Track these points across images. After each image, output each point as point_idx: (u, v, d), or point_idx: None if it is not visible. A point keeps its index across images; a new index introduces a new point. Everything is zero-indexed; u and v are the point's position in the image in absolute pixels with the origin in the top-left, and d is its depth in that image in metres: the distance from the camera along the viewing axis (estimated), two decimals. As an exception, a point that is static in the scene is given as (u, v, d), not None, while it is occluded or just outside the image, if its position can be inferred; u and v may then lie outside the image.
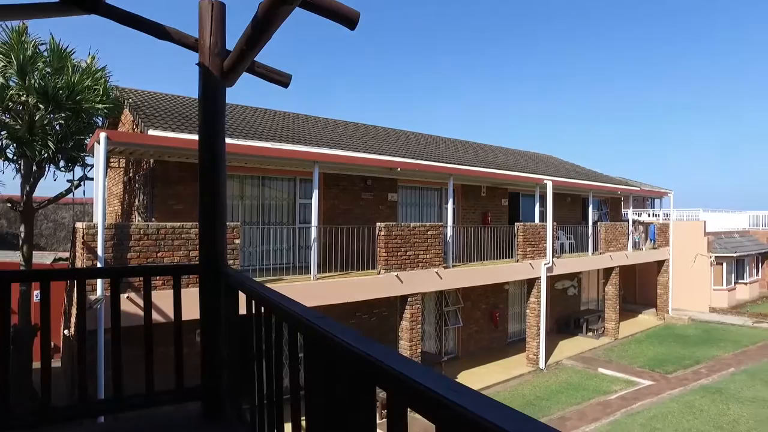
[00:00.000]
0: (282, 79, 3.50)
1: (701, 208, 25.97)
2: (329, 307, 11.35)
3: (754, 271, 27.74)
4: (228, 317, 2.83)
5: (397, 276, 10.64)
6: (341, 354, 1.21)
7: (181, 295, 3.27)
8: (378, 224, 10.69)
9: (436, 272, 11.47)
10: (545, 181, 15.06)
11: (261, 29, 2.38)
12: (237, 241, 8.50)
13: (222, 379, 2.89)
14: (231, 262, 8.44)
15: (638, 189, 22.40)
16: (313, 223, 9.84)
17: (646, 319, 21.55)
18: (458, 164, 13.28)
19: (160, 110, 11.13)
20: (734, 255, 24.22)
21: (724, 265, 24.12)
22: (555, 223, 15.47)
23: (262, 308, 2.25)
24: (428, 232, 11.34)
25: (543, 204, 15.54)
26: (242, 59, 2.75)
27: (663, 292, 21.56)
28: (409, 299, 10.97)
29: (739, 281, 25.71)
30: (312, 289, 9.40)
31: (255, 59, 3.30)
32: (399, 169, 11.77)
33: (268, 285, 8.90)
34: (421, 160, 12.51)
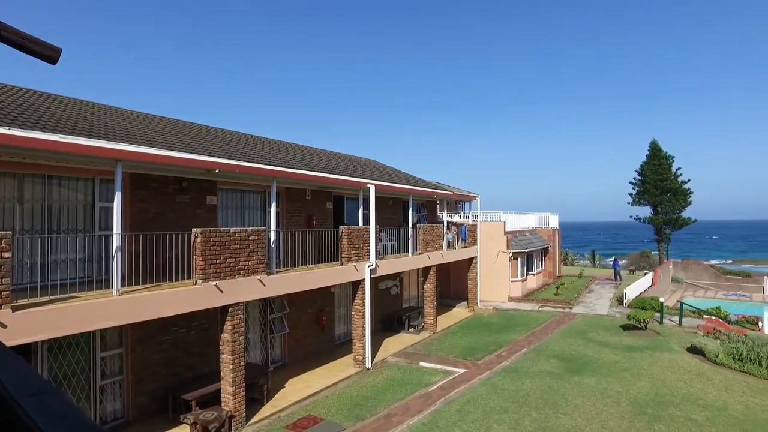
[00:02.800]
0: (45, 53, 2.77)
1: (502, 210, 29.53)
2: (138, 325, 10.04)
3: (540, 263, 32.61)
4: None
5: (216, 285, 9.83)
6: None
7: None
8: (194, 230, 9.75)
9: (260, 279, 10.92)
10: (368, 185, 15.49)
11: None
12: (6, 255, 6.90)
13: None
14: (-1, 280, 6.83)
15: (451, 193, 24.51)
16: (115, 230, 8.54)
17: (460, 312, 23.71)
18: (283, 166, 12.86)
19: None
20: (526, 251, 28.09)
21: (519, 259, 27.82)
22: (378, 226, 16.01)
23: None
24: (250, 237, 10.74)
25: (366, 207, 15.98)
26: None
27: (473, 286, 23.96)
28: (230, 310, 10.23)
29: (530, 273, 29.93)
30: (114, 306, 8.12)
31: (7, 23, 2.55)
32: (218, 171, 10.94)
33: (56, 305, 7.32)
34: (244, 161, 11.80)
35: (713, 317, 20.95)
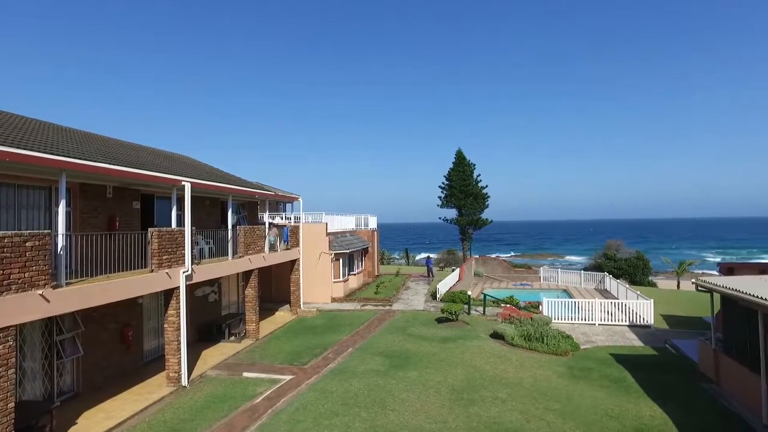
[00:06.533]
0: None
1: (324, 212, 29.63)
2: None
3: (360, 263, 33.63)
4: None
5: (-24, 306, 7.65)
6: None
7: None
8: (-59, 234, 7.44)
9: (41, 294, 8.86)
10: (183, 183, 13.94)
11: None
12: None
13: None
14: None
15: (273, 193, 23.69)
16: None
17: (283, 316, 23.00)
18: (76, 158, 10.71)
19: None
20: (347, 251, 28.64)
21: (341, 260, 28.22)
22: (194, 228, 14.55)
23: None
24: (27, 243, 8.63)
25: (181, 207, 14.39)
26: None
27: (296, 288, 23.48)
28: (-3, 335, 8.07)
29: (351, 273, 30.62)
30: None
31: None
32: (-20, 159, 8.59)
33: None
34: (21, 149, 9.47)
35: (508, 305, 23.93)
